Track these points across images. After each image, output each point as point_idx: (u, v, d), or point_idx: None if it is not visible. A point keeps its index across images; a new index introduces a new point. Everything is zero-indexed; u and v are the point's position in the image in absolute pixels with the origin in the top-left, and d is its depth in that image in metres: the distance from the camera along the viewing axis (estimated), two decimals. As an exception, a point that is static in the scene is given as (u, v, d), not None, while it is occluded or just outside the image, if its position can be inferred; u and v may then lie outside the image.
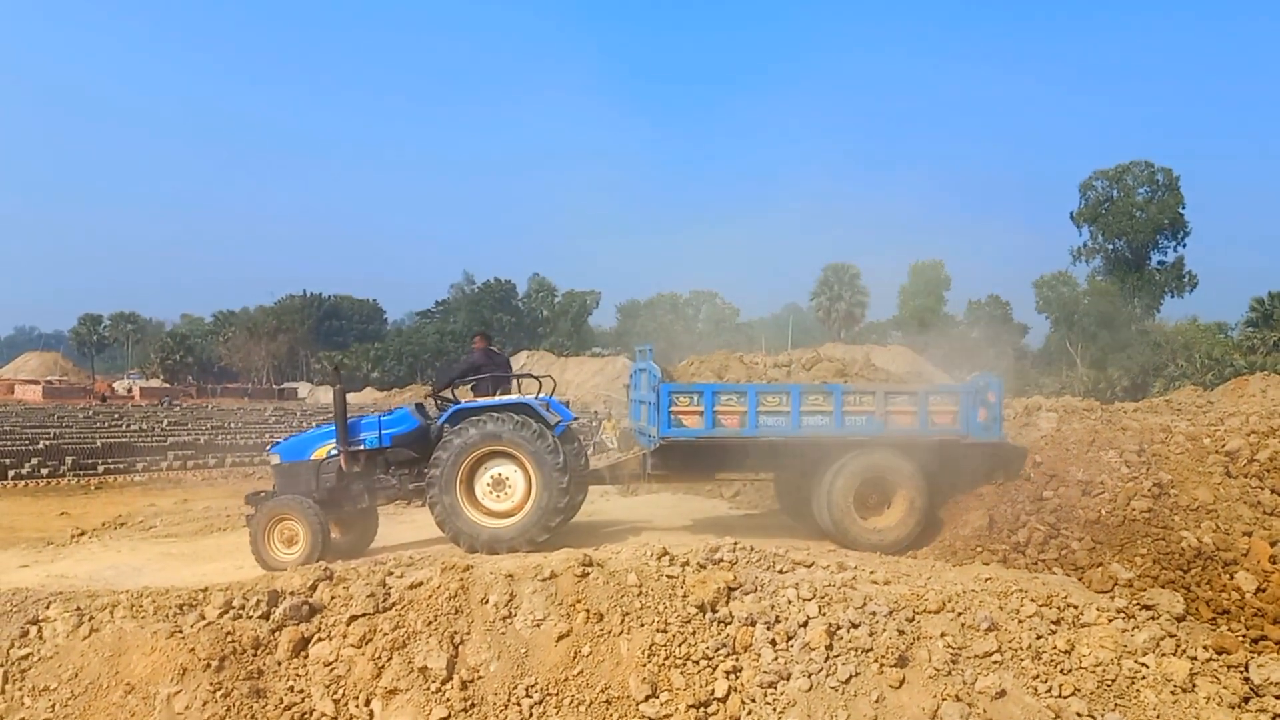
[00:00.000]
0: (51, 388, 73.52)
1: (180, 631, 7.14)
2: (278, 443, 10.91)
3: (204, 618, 7.38)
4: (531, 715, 6.67)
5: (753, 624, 7.28)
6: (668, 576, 7.70)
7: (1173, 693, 7.03)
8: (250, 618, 7.38)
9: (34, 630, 7.26)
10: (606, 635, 7.15)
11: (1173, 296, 76.12)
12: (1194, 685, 7.12)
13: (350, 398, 10.50)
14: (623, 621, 7.22)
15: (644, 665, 6.93)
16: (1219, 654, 7.58)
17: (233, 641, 7.06)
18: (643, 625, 7.20)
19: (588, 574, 7.60)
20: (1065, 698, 6.89)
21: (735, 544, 8.48)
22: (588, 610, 7.28)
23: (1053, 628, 7.46)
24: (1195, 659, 7.37)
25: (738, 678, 6.93)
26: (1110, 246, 76.15)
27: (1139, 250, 75.09)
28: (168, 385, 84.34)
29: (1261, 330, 56.29)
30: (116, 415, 45.17)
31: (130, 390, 77.17)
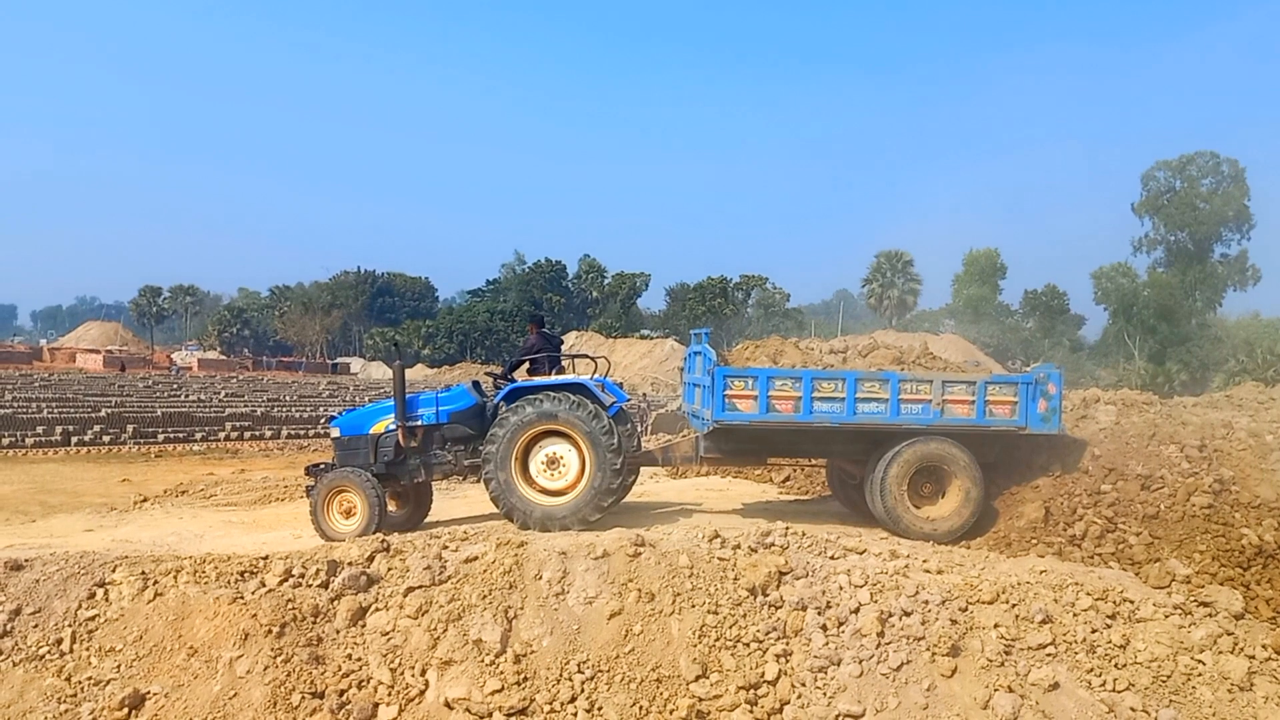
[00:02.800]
0: (112, 357, 75.13)
1: (242, 597, 7.32)
2: (337, 416, 11.08)
3: (265, 585, 7.55)
4: (583, 691, 6.76)
5: (804, 609, 7.30)
6: (719, 559, 7.75)
7: (1230, 691, 6.95)
8: (310, 586, 7.55)
9: (100, 593, 7.47)
10: (658, 615, 7.21)
11: (1235, 290, 74.23)
12: (1252, 684, 7.03)
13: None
14: (674, 602, 7.28)
15: (695, 646, 6.99)
16: (1278, 653, 7.45)
17: (293, 609, 7.23)
18: (694, 606, 7.26)
19: (640, 554, 7.67)
20: (1119, 692, 6.84)
21: (787, 529, 8.50)
22: (639, 590, 7.35)
23: (1108, 622, 7.39)
24: (1253, 658, 7.26)
25: (788, 661, 6.96)
26: (1172, 238, 74.46)
27: (1201, 242, 73.30)
28: (224, 357, 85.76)
29: (1327, 326, 54.80)
30: (175, 385, 46.12)
31: (186, 361, 78.65)
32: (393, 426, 10.40)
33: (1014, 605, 7.44)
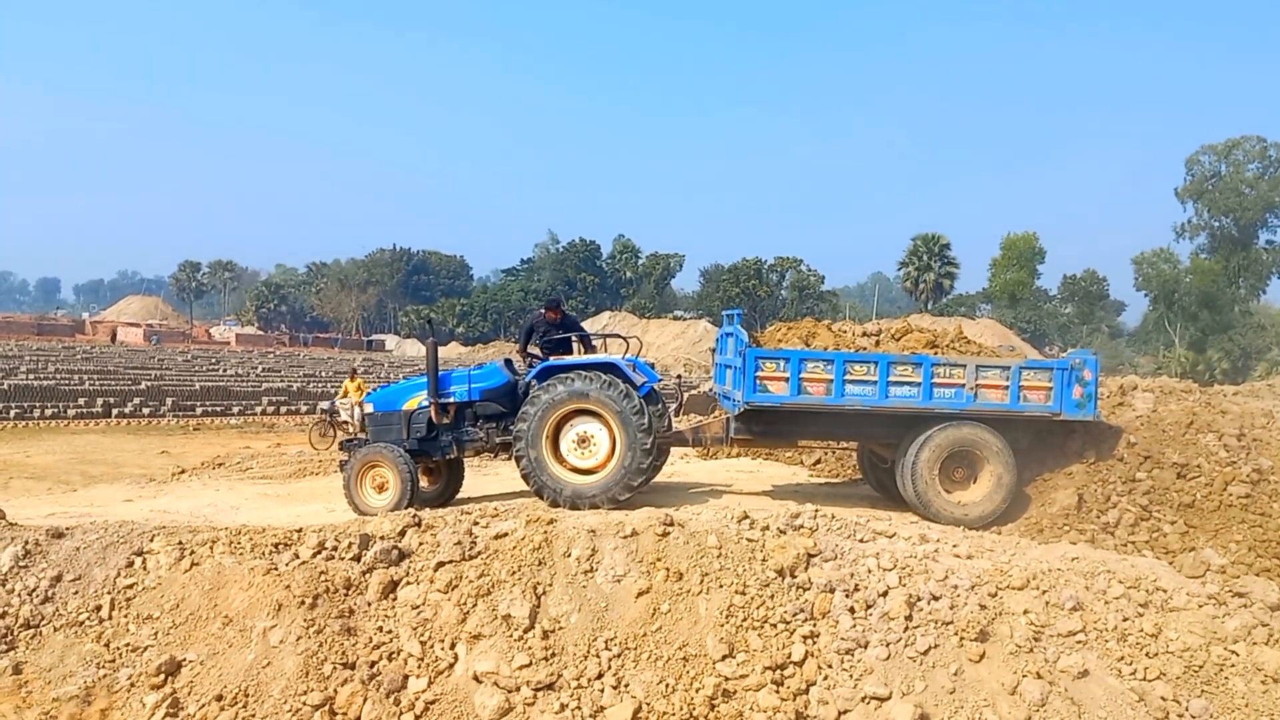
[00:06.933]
0: (152, 331, 76.24)
1: (276, 569, 7.42)
2: (371, 392, 11.17)
3: (298, 557, 7.66)
4: (610, 668, 6.80)
5: (831, 591, 7.29)
6: (748, 540, 7.75)
7: (1263, 682, 6.86)
8: (342, 559, 7.64)
9: (139, 561, 7.62)
10: (685, 594, 7.24)
11: (1280, 278, 73.00)
12: (1286, 676, 6.94)
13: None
14: (702, 582, 7.30)
15: (722, 625, 7.00)
16: (1314, 646, 7.36)
17: (326, 581, 7.32)
18: (722, 586, 7.27)
19: (669, 533, 7.69)
20: (1150, 681, 6.78)
21: (816, 511, 8.48)
22: (668, 569, 7.37)
23: (1140, 610, 7.31)
24: (1288, 650, 7.17)
25: (815, 643, 6.96)
26: (1216, 224, 73.14)
27: (1246, 229, 71.97)
28: (261, 332, 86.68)
29: (1375, 315, 53.72)
30: (213, 359, 46.71)
31: (225, 336, 79.65)
32: (425, 403, 10.47)
33: (1044, 592, 7.38)
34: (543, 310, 11.50)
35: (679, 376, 23.21)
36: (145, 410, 28.91)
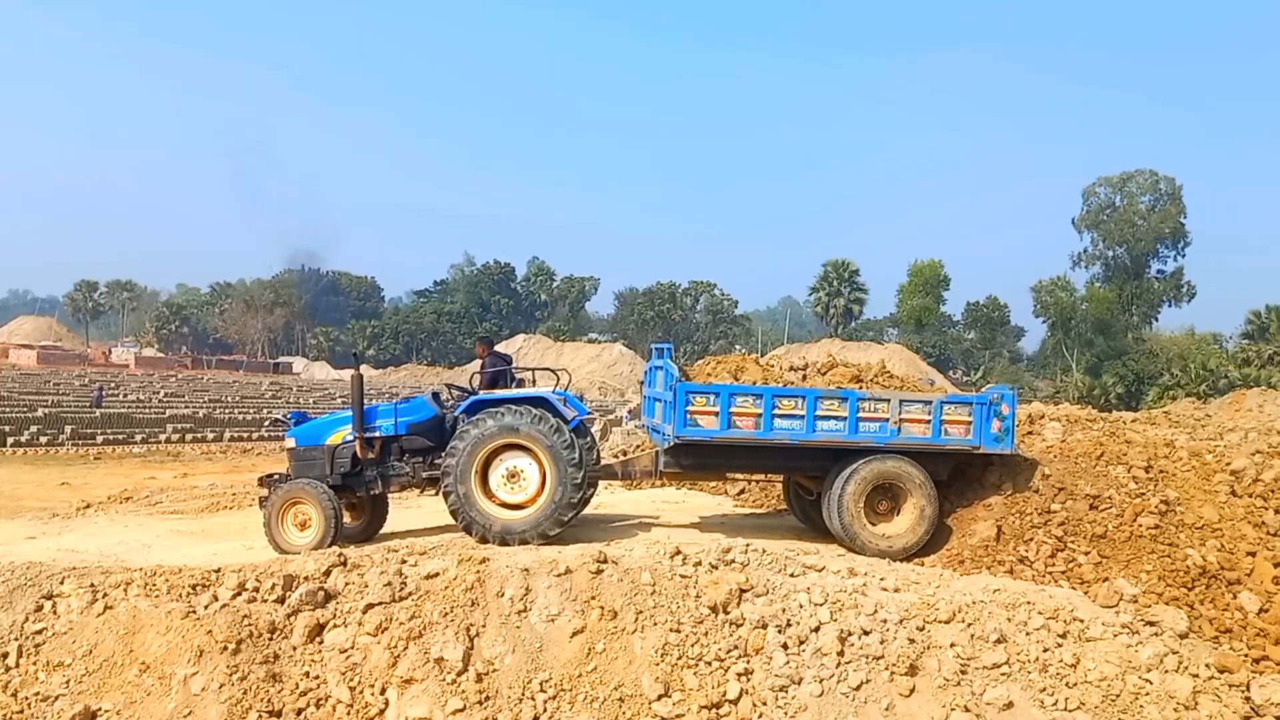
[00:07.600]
0: (46, 353, 73.36)
1: (195, 612, 7.19)
2: (292, 426, 10.92)
3: (218, 599, 7.42)
4: (545, 710, 6.74)
5: (764, 627, 7.36)
6: (681, 576, 7.77)
7: (1175, 710, 7.13)
8: (265, 601, 7.43)
9: (48, 605, 7.30)
10: (620, 633, 7.23)
11: (1171, 306, 76.62)
12: (1196, 703, 7.22)
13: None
14: (636, 620, 7.30)
15: (657, 664, 7.01)
16: (1221, 673, 7.68)
17: (249, 625, 7.11)
18: (656, 624, 7.28)
19: (603, 571, 7.67)
20: (1071, 711, 6.99)
21: (747, 545, 8.56)
22: (602, 607, 7.35)
23: (1059, 641, 7.54)
24: (1198, 676, 7.47)
25: (750, 680, 7.01)
26: (1110, 253, 76.40)
27: (1139, 259, 75.37)
28: (161, 355, 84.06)
29: (1257, 343, 56.64)
30: (112, 384, 45.12)
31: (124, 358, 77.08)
32: (350, 437, 10.28)
33: (969, 624, 7.56)
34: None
35: (625, 405, 23.23)
36: (43, 439, 27.76)
